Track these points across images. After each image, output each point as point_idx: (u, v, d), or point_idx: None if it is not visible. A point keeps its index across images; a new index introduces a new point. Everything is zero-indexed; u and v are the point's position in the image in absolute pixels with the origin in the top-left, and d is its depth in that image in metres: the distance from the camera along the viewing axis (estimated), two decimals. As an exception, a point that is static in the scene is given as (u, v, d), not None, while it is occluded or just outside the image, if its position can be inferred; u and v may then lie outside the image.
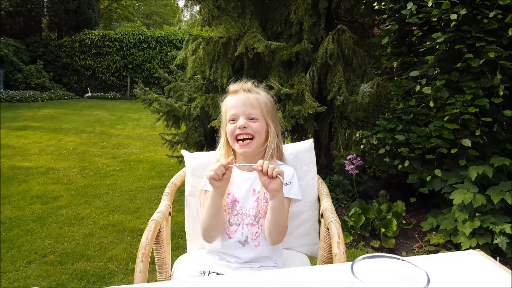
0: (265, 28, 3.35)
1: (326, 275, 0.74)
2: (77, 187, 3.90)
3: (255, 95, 1.24)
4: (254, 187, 1.25)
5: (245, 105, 1.22)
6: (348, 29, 3.05)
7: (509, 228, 2.23)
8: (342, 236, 1.13)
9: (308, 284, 0.71)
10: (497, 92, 2.40)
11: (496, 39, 2.39)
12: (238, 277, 0.74)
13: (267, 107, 1.25)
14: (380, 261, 0.54)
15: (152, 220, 1.19)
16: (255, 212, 1.22)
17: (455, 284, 0.67)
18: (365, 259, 0.54)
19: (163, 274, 1.28)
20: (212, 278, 0.74)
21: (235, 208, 1.23)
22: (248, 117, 1.21)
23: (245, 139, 1.21)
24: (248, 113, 1.21)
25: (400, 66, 3.56)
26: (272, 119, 1.27)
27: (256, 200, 1.23)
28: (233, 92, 1.27)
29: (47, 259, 2.47)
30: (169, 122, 3.66)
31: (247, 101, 1.22)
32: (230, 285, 0.71)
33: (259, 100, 1.24)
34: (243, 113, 1.21)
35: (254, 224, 1.22)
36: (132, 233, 2.86)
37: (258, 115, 1.22)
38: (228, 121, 1.24)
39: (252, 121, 1.21)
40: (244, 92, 1.25)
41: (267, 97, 1.28)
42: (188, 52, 3.37)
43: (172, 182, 1.45)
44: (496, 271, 0.72)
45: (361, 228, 2.78)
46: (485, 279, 0.69)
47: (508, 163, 2.38)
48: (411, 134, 2.79)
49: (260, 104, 1.23)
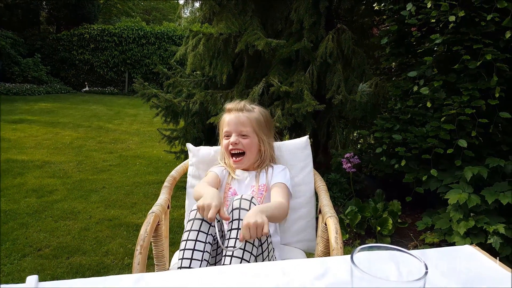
0: (265, 26, 3.36)
1: (326, 266, 0.75)
2: (73, 181, 3.90)
3: (247, 114, 1.41)
4: (252, 183, 1.40)
5: (237, 123, 1.39)
6: (348, 29, 3.07)
7: (502, 228, 2.26)
8: (340, 231, 1.14)
9: (309, 273, 0.72)
10: (493, 94, 2.42)
11: (493, 41, 2.41)
12: (239, 267, 0.75)
13: (258, 123, 1.42)
14: (380, 251, 0.55)
15: (151, 212, 1.20)
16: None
17: (451, 276, 0.69)
18: (364, 249, 0.55)
19: (161, 267, 1.29)
20: (215, 268, 0.75)
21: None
22: (239, 134, 1.39)
23: (237, 155, 1.40)
24: (240, 131, 1.39)
25: (398, 67, 3.58)
26: (265, 132, 1.44)
27: (251, 192, 1.39)
28: (228, 110, 1.44)
29: (42, 253, 2.47)
30: (168, 118, 3.67)
31: (238, 120, 1.39)
32: (234, 273, 0.72)
33: (250, 118, 1.41)
34: (235, 130, 1.39)
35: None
36: (128, 228, 2.87)
37: (249, 132, 1.40)
38: (223, 137, 1.43)
39: (243, 137, 1.39)
40: (236, 111, 1.42)
41: (260, 113, 1.45)
42: (188, 47, 3.37)
43: (172, 176, 1.46)
44: (491, 265, 0.74)
45: (357, 226, 2.80)
46: (480, 272, 0.70)
47: (503, 164, 2.40)
48: (408, 134, 2.81)
49: (251, 122, 1.40)
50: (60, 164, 4.51)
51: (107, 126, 7.14)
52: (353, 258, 0.51)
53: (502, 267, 0.74)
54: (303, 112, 2.89)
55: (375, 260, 0.54)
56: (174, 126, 3.80)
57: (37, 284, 0.66)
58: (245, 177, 1.42)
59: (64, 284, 0.67)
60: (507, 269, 0.73)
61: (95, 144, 5.64)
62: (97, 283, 0.67)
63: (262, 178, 1.41)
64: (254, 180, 1.41)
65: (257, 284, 0.70)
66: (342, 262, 0.77)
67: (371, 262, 0.54)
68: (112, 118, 8.18)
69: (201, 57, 3.35)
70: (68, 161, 4.66)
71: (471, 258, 0.76)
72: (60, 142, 5.61)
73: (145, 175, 4.24)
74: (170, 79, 3.79)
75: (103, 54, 14.10)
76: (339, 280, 0.71)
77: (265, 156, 1.44)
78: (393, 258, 0.55)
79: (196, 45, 3.36)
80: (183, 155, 3.80)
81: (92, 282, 0.68)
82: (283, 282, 0.70)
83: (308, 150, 1.52)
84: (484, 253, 0.77)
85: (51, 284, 0.67)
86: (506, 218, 2.37)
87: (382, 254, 0.56)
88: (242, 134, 1.39)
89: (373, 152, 3.29)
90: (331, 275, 0.72)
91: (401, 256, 0.54)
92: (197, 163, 1.53)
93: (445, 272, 0.70)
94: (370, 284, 0.47)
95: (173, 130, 3.78)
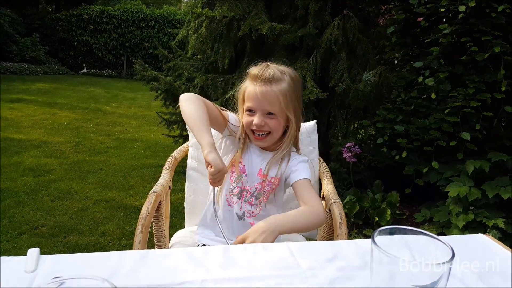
0: (270, 10, 3.29)
1: (336, 250, 0.73)
2: (70, 162, 3.86)
3: (276, 88, 1.12)
4: (262, 167, 1.22)
5: (264, 100, 1.12)
6: (354, 16, 3.01)
7: (502, 222, 2.26)
8: (344, 217, 1.12)
9: (319, 256, 0.70)
10: (500, 88, 2.40)
11: (503, 34, 2.38)
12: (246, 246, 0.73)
13: (288, 99, 1.14)
14: (403, 233, 0.53)
15: (152, 192, 1.17)
16: (256, 193, 1.22)
17: (466, 264, 0.67)
18: (385, 231, 0.53)
19: (161, 247, 1.27)
20: (223, 247, 0.73)
21: (240, 179, 1.23)
22: (265, 112, 1.14)
23: (261, 133, 1.17)
24: (266, 109, 1.13)
25: (402, 58, 3.54)
26: (294, 109, 1.17)
27: (260, 183, 1.21)
28: (252, 78, 1.15)
29: (39, 231, 2.45)
30: (167, 101, 3.62)
31: (266, 97, 1.12)
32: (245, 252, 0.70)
33: (280, 93, 1.12)
34: (260, 108, 1.13)
35: (252, 204, 1.22)
36: (126, 209, 2.85)
37: (276, 111, 1.13)
38: (244, 111, 1.17)
39: (270, 117, 1.14)
40: (263, 83, 1.12)
41: (290, 82, 1.15)
42: (190, 30, 3.31)
43: (173, 157, 1.43)
44: (505, 254, 0.72)
45: (355, 216, 2.79)
46: (495, 260, 0.69)
47: (506, 158, 2.39)
48: (410, 125, 2.79)
49: (280, 99, 1.12)
50: (57, 144, 4.46)
51: (104, 109, 7.07)
52: (374, 238, 0.49)
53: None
54: (305, 99, 2.85)
55: (397, 242, 0.52)
56: (173, 109, 3.75)
57: (39, 257, 0.63)
58: (259, 156, 1.23)
59: (67, 258, 0.65)
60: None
61: (92, 126, 5.58)
62: (101, 258, 0.65)
63: (275, 168, 1.21)
64: (265, 164, 1.21)
65: (266, 264, 0.68)
66: (352, 246, 0.75)
67: (392, 242, 0.52)
68: (109, 100, 8.09)
69: (203, 40, 3.29)
70: (65, 141, 4.61)
71: (485, 247, 0.74)
72: (57, 123, 5.55)
73: (142, 159, 4.21)
74: (170, 62, 3.73)
75: (102, 36, 13.89)
76: (350, 264, 0.69)
77: (288, 140, 1.20)
78: (416, 241, 0.53)
79: (198, 27, 3.29)
80: (182, 139, 3.76)
81: (95, 257, 0.65)
82: (293, 263, 0.68)
83: (315, 135, 1.48)
84: (498, 242, 0.75)
85: (53, 258, 0.64)
86: (506, 213, 2.37)
87: (404, 237, 0.53)
88: (269, 112, 1.14)
89: (373, 143, 3.27)
90: (342, 259, 0.70)
91: (424, 239, 0.52)
92: (196, 143, 1.44)
93: (460, 260, 0.68)
94: (393, 265, 0.45)
95: (172, 114, 3.73)
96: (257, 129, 1.15)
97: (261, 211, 1.22)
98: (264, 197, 1.22)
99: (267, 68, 1.14)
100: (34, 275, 0.60)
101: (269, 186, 1.21)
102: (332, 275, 0.65)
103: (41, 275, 0.60)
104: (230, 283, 0.62)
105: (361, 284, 0.62)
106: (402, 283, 0.49)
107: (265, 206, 1.23)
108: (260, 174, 1.22)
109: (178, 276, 0.62)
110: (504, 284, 0.65)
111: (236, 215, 1.22)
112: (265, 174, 1.21)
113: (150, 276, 0.62)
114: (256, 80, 1.13)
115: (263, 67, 1.15)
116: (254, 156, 1.24)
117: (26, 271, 0.61)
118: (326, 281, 0.63)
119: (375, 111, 3.08)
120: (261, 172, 1.22)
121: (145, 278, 0.61)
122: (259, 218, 1.20)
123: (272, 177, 1.21)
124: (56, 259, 0.65)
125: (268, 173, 1.21)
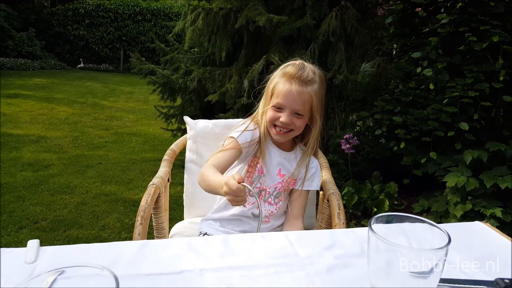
0: (267, 1, 3.27)
1: (334, 238, 0.73)
2: (69, 157, 3.86)
3: (311, 89, 1.13)
4: (281, 167, 1.23)
5: (296, 101, 1.12)
6: (352, 7, 3.00)
7: (499, 212, 2.27)
8: (342, 207, 1.13)
9: (318, 244, 0.70)
10: (498, 77, 2.39)
11: (501, 23, 2.37)
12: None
13: (318, 101, 1.16)
14: (397, 220, 0.53)
15: (151, 184, 1.17)
16: (276, 192, 1.23)
17: (464, 251, 0.67)
18: (382, 218, 0.53)
19: (161, 239, 1.28)
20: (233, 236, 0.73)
21: (259, 180, 1.22)
22: (294, 112, 1.13)
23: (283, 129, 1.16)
24: (296, 109, 1.13)
25: (400, 49, 3.53)
26: (320, 113, 1.18)
27: (280, 182, 1.23)
28: (288, 76, 1.13)
29: (39, 225, 2.46)
30: (165, 95, 3.61)
31: (299, 98, 1.11)
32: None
33: (313, 94, 1.13)
34: (291, 108, 1.12)
35: (272, 204, 1.24)
36: (125, 203, 2.85)
37: (305, 112, 1.14)
38: (272, 106, 1.15)
39: (297, 116, 1.14)
40: (300, 83, 1.12)
41: (320, 83, 1.16)
42: (187, 22, 3.29)
43: (172, 150, 1.43)
44: (503, 242, 0.72)
45: (354, 207, 2.80)
46: (492, 247, 0.69)
47: (504, 148, 2.40)
48: (408, 116, 2.79)
49: (313, 101, 1.14)
50: (56, 139, 4.46)
51: (102, 103, 7.05)
52: (371, 225, 0.49)
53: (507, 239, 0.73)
54: (304, 91, 2.85)
55: (394, 229, 0.53)
56: (171, 103, 3.74)
57: (39, 248, 0.64)
58: (278, 155, 1.23)
59: (67, 249, 0.65)
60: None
61: (90, 121, 5.57)
62: (101, 248, 0.65)
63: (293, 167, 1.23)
64: (284, 164, 1.22)
65: (265, 253, 0.68)
66: (350, 234, 0.75)
67: (389, 229, 0.52)
68: (107, 95, 8.06)
69: (200, 32, 3.27)
70: (64, 136, 4.60)
71: (483, 234, 0.75)
72: (55, 118, 5.53)
73: (141, 153, 4.21)
74: (168, 55, 3.71)
75: (98, 30, 13.79)
76: (347, 252, 0.69)
77: (313, 140, 1.21)
78: (413, 227, 0.53)
79: (195, 19, 3.27)
80: (180, 133, 3.76)
81: (95, 247, 0.66)
82: (291, 252, 0.69)
83: (314, 127, 1.48)
84: (495, 230, 0.76)
85: (53, 249, 0.65)
86: (503, 202, 2.38)
87: (401, 225, 0.54)
88: (297, 113, 1.14)
89: (372, 134, 3.27)
90: (340, 247, 0.71)
91: (422, 226, 0.53)
92: (194, 136, 1.45)
93: (458, 248, 0.68)
94: (390, 252, 0.45)
95: (170, 107, 3.72)
96: (282, 125, 1.14)
97: (278, 210, 1.25)
98: (283, 196, 1.24)
99: (304, 68, 1.14)
100: (34, 266, 0.61)
101: (286, 186, 1.24)
102: (330, 262, 0.65)
103: (41, 266, 0.61)
104: (229, 271, 0.62)
105: (358, 272, 0.63)
106: (399, 269, 0.50)
107: (282, 205, 1.25)
108: (280, 174, 1.23)
109: (178, 265, 0.63)
110: (503, 271, 0.65)
111: (251, 214, 1.23)
112: (284, 174, 1.23)
113: (150, 265, 0.62)
114: (292, 79, 1.12)
115: (300, 67, 1.13)
116: (273, 156, 1.23)
117: (26, 262, 0.61)
118: (324, 269, 0.63)
119: (373, 102, 3.07)
120: (280, 172, 1.23)
121: (145, 268, 0.62)
122: (276, 217, 1.25)
123: (289, 177, 1.24)
124: (56, 250, 0.65)
125: (292, 173, 1.23)
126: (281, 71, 1.16)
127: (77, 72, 12.52)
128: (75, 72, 12.48)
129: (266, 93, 1.20)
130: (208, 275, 0.61)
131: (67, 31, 13.80)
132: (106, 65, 13.92)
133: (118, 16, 13.73)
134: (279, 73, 1.16)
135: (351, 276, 0.62)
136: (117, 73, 13.35)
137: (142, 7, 13.88)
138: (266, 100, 1.19)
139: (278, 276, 0.61)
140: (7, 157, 3.67)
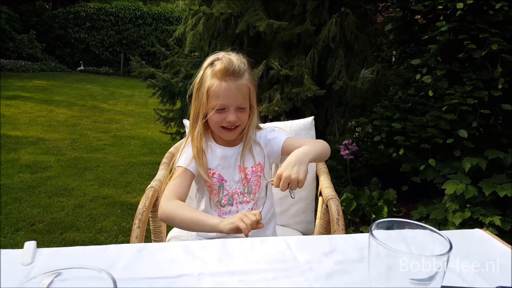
0: (267, 7, 3.28)
1: (334, 244, 0.73)
2: (67, 159, 3.85)
3: (245, 80, 1.09)
4: (239, 164, 1.19)
5: (237, 96, 1.07)
6: (352, 13, 3.01)
7: (498, 220, 2.26)
8: (341, 213, 1.12)
9: (317, 250, 0.70)
10: (497, 85, 2.40)
11: (500, 31, 2.38)
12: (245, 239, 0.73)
13: (254, 87, 1.13)
14: (400, 225, 0.53)
15: (149, 187, 1.17)
16: (246, 189, 1.19)
17: (464, 258, 0.67)
18: (383, 223, 0.53)
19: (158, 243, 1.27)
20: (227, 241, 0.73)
21: (223, 187, 1.18)
22: (237, 107, 1.09)
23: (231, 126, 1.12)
24: (239, 104, 1.09)
25: (399, 56, 3.54)
26: (255, 97, 1.15)
27: (245, 177, 1.18)
28: (221, 74, 1.06)
29: (36, 228, 2.44)
30: (165, 98, 3.60)
31: (239, 92, 1.07)
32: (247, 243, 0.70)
33: (249, 84, 1.11)
34: (234, 105, 1.08)
35: (249, 201, 1.20)
36: (123, 206, 2.84)
37: (246, 103, 1.11)
38: (213, 110, 1.08)
39: (241, 111, 1.10)
40: (234, 79, 1.07)
41: (249, 69, 1.13)
42: (188, 26, 3.29)
43: (170, 153, 1.43)
44: (503, 249, 0.72)
45: (352, 214, 2.80)
46: (493, 255, 0.69)
47: (503, 156, 2.40)
48: (407, 123, 2.79)
49: (250, 90, 1.12)
50: (54, 141, 4.44)
51: (101, 106, 7.05)
52: (372, 231, 0.49)
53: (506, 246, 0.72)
54: (303, 97, 2.85)
55: (395, 236, 0.52)
56: (170, 106, 3.74)
57: (35, 250, 0.63)
58: (231, 155, 1.18)
59: (63, 251, 0.64)
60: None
61: (89, 123, 5.56)
62: (98, 251, 0.65)
63: (249, 157, 1.19)
64: (239, 157, 1.18)
65: (263, 257, 0.67)
66: (350, 240, 0.75)
67: (390, 236, 0.52)
68: (107, 98, 8.07)
69: (201, 37, 3.28)
70: (62, 138, 4.59)
71: (483, 242, 0.75)
72: (54, 120, 5.52)
73: (139, 156, 4.20)
74: (168, 59, 3.71)
75: (99, 34, 13.83)
76: (347, 258, 0.69)
77: (251, 128, 1.18)
78: (414, 233, 0.53)
79: (195, 24, 3.28)
80: (179, 136, 3.75)
81: (92, 250, 0.65)
82: (290, 257, 0.68)
83: (312, 131, 1.49)
84: (495, 237, 0.75)
85: (50, 250, 0.64)
86: (502, 211, 2.38)
87: (401, 231, 0.53)
88: (240, 107, 1.10)
89: (370, 141, 3.27)
90: (339, 252, 0.70)
91: (422, 232, 0.52)
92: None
93: (458, 255, 0.68)
94: (391, 258, 0.45)
95: (169, 111, 3.72)
96: (230, 124, 1.10)
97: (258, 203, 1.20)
98: (256, 187, 1.20)
99: (232, 61, 1.08)
100: (31, 268, 0.60)
101: (255, 175, 1.19)
102: (329, 268, 0.65)
103: (38, 267, 0.60)
104: (227, 276, 0.62)
105: (358, 277, 0.63)
106: (400, 276, 0.49)
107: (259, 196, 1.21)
108: (240, 170, 1.18)
109: (176, 269, 0.62)
110: (503, 279, 0.65)
111: None
112: (246, 167, 1.18)
113: (147, 268, 0.62)
114: (225, 76, 1.07)
115: (228, 61, 1.07)
116: (223, 159, 1.18)
117: (23, 263, 0.61)
118: (324, 274, 0.63)
119: (373, 109, 3.08)
120: (240, 168, 1.19)
121: (143, 271, 0.61)
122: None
123: (253, 166, 1.19)
124: (53, 252, 0.65)
125: (247, 165, 1.19)
126: (208, 71, 1.10)
127: (77, 74, 12.53)
128: (75, 74, 12.49)
129: (198, 98, 1.12)
130: (206, 280, 0.60)
131: (68, 33, 13.84)
132: (106, 68, 13.95)
133: (119, 20, 13.79)
134: (208, 74, 1.10)
135: (350, 282, 0.61)
136: (117, 76, 13.36)
137: (143, 11, 13.95)
138: (201, 105, 1.12)
139: (276, 281, 0.61)
140: (5, 159, 3.65)
